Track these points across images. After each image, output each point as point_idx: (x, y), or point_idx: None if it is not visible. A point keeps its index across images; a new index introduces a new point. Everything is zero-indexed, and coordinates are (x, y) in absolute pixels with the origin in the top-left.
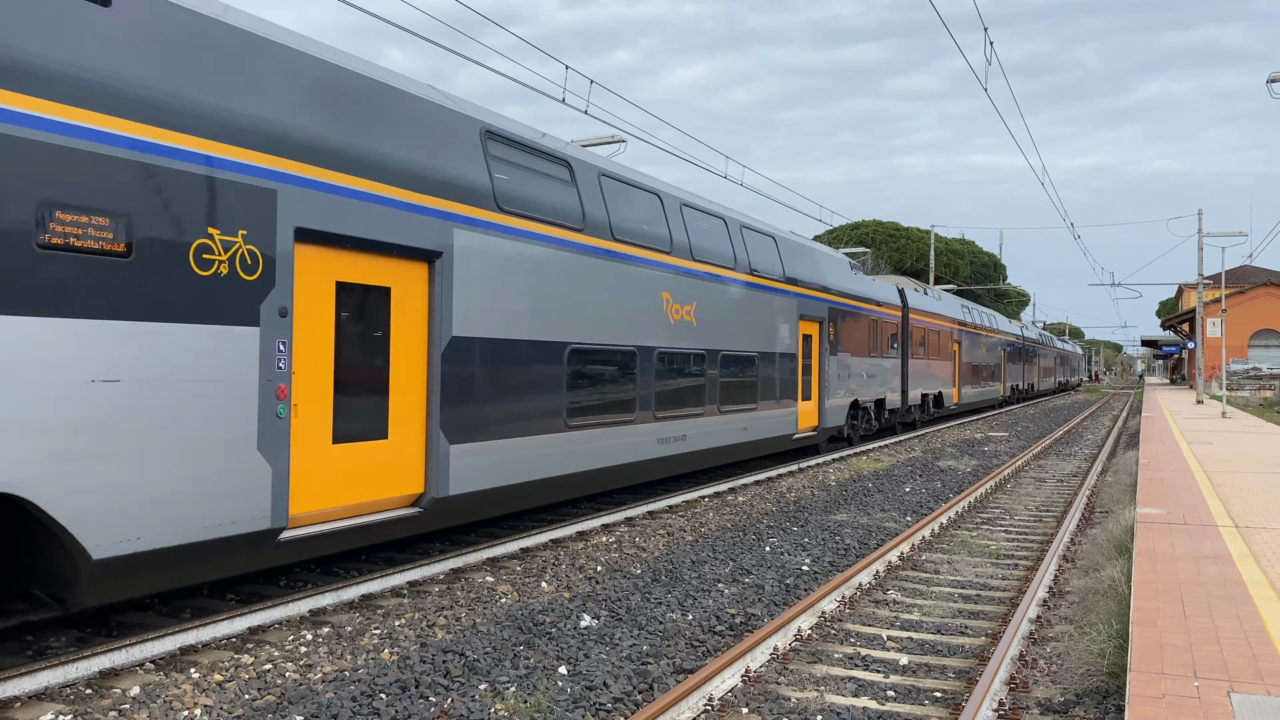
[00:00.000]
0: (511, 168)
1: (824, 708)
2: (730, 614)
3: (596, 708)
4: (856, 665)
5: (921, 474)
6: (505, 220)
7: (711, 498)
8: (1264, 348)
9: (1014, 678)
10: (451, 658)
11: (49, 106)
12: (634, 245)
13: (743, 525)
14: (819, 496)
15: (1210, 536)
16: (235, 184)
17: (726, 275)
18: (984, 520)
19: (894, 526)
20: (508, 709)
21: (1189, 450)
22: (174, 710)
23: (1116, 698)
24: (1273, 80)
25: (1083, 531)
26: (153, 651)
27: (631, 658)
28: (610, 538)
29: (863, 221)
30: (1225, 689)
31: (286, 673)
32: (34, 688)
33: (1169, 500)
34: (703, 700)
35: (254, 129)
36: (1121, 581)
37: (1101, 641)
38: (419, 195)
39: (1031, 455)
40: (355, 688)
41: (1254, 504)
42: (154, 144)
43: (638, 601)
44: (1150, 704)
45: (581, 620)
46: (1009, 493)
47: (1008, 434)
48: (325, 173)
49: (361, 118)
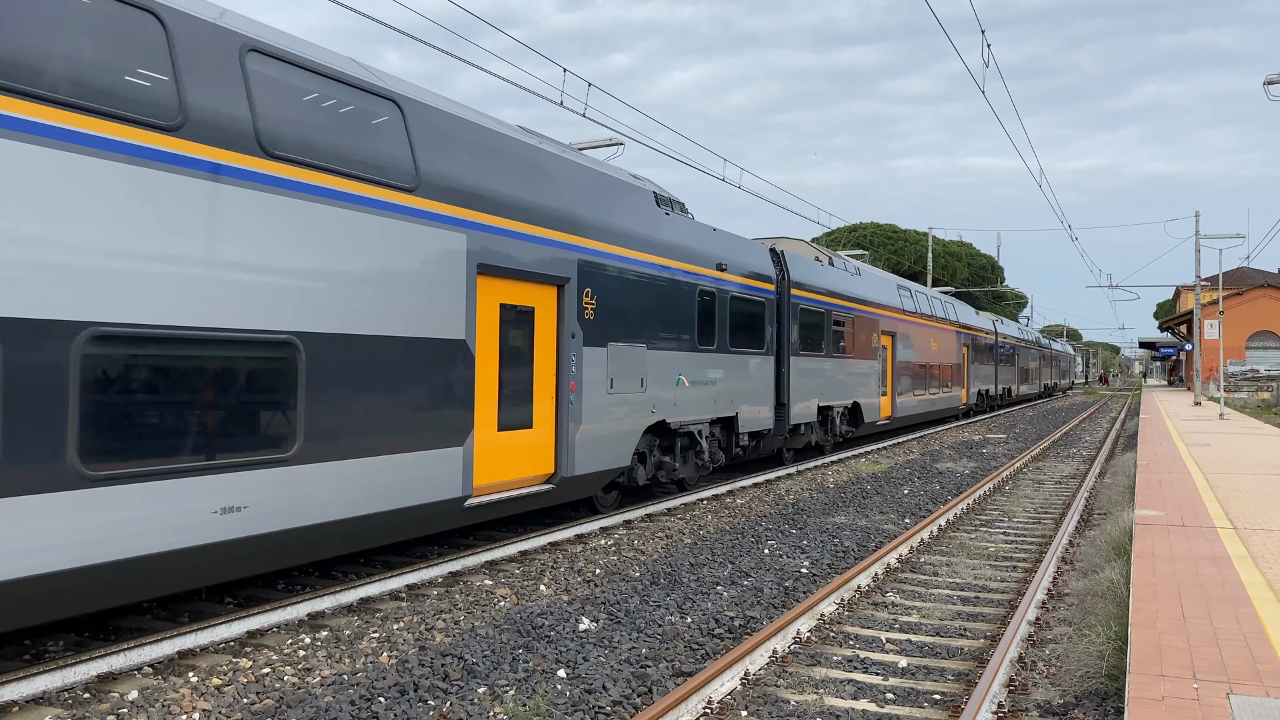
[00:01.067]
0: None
1: (823, 710)
2: (729, 617)
3: (595, 711)
4: (856, 668)
5: (920, 476)
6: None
7: (710, 500)
8: (1261, 349)
9: (1013, 680)
10: (450, 661)
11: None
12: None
13: (741, 528)
14: (817, 499)
15: (1209, 538)
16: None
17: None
18: (982, 522)
19: (893, 529)
20: (507, 712)
21: (1187, 452)
22: (172, 714)
23: (1116, 700)
24: (1269, 82)
25: (1081, 533)
26: (150, 655)
27: (630, 660)
28: (609, 540)
29: (861, 224)
30: (1224, 691)
31: (285, 676)
32: (31, 692)
33: (1167, 502)
34: (702, 703)
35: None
36: (1120, 583)
37: (1100, 643)
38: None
39: (1030, 457)
40: (354, 691)
41: (1252, 506)
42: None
43: (636, 604)
44: (1149, 706)
45: (580, 623)
46: (1007, 495)
47: (1006, 436)
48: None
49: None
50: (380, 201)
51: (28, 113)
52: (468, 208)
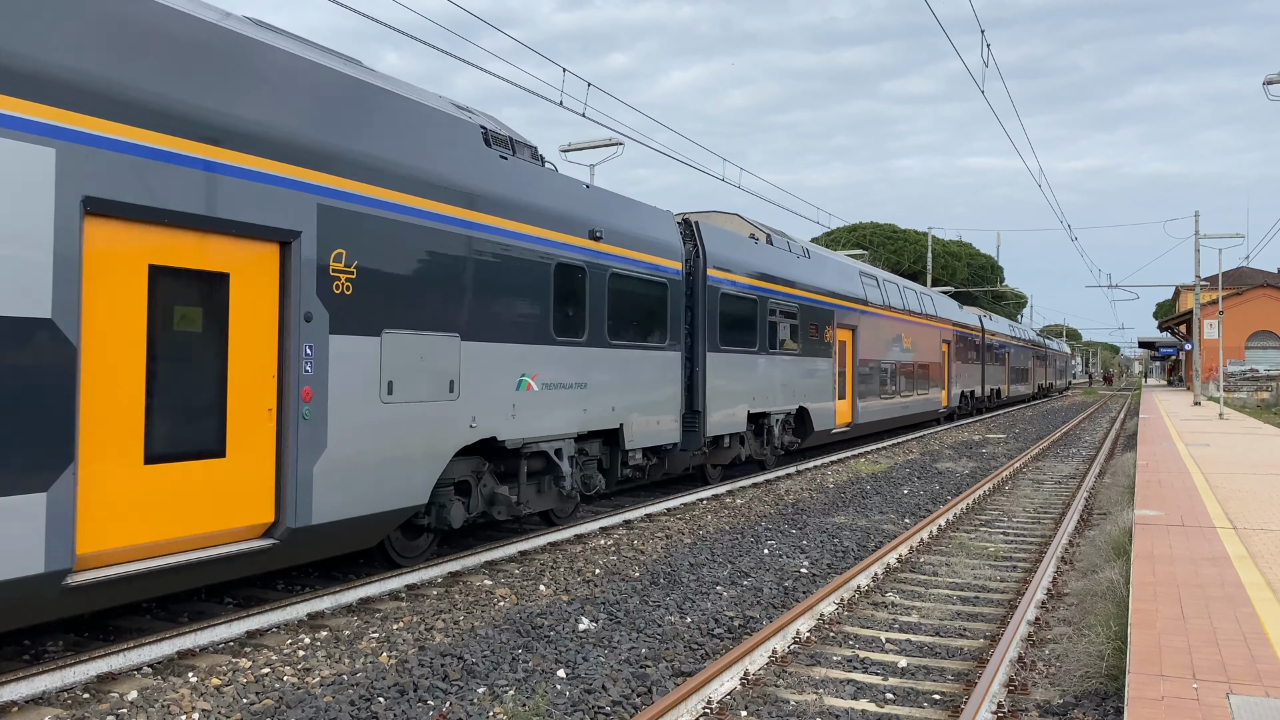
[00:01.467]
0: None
1: (823, 710)
2: (729, 617)
3: (595, 711)
4: (855, 668)
5: (920, 476)
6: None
7: (710, 500)
8: (1261, 349)
9: (1013, 680)
10: (450, 661)
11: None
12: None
13: (741, 528)
14: (817, 499)
15: (1208, 538)
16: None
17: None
18: (982, 522)
19: (892, 529)
20: (506, 712)
21: (1187, 452)
22: (171, 714)
23: (1115, 700)
24: (1269, 82)
25: (1081, 533)
26: (150, 656)
27: (630, 661)
28: (608, 540)
29: (860, 224)
30: (1224, 691)
31: (284, 677)
32: (31, 692)
33: (1167, 502)
34: (701, 703)
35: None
36: (1120, 583)
37: (1100, 643)
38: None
39: (1029, 457)
40: (353, 691)
41: (1252, 506)
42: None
43: (636, 604)
44: (1149, 706)
45: (580, 623)
46: (1007, 495)
47: (1005, 436)
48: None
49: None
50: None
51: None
52: (65, 107)
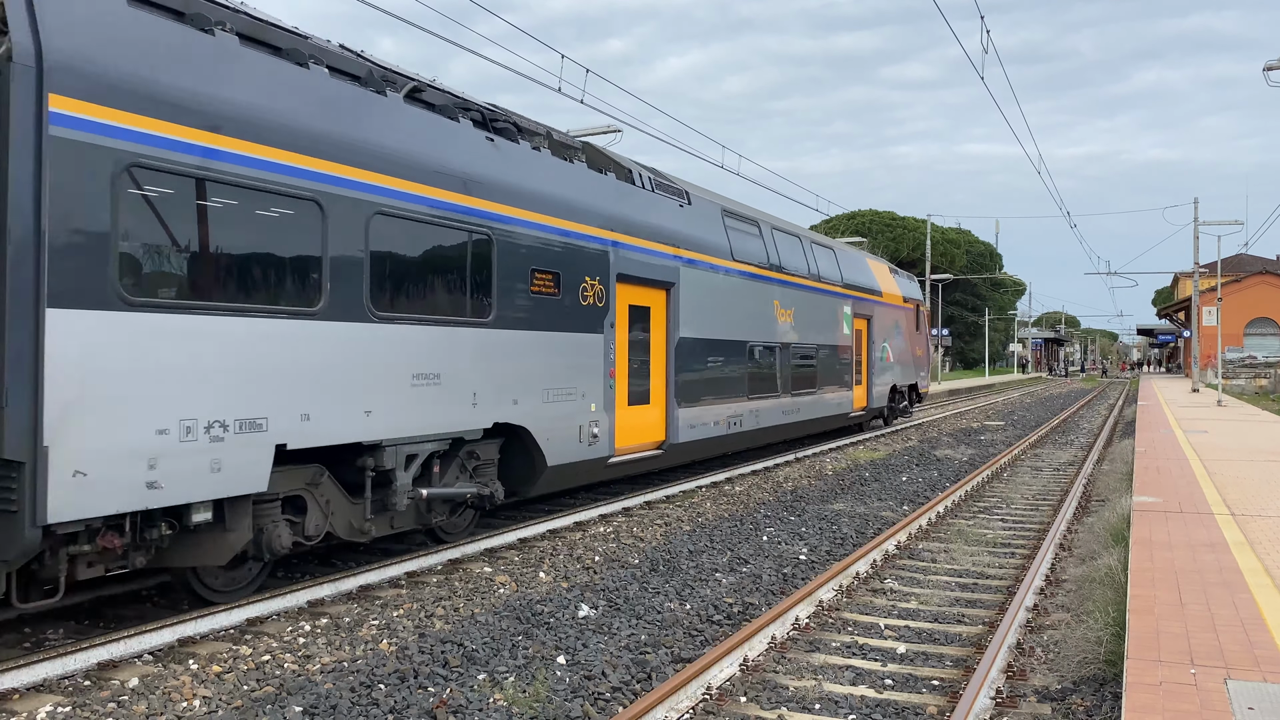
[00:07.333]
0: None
1: (822, 696)
2: (728, 603)
3: (595, 697)
4: (854, 654)
5: (918, 463)
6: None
7: (709, 487)
8: (1259, 336)
9: (1011, 666)
10: (450, 648)
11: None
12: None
13: (740, 515)
14: (816, 486)
15: (1206, 524)
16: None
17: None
18: (981, 509)
19: (891, 515)
20: (506, 699)
21: (1185, 438)
22: (173, 701)
23: (1114, 685)
24: (1269, 68)
25: (1079, 520)
26: (151, 643)
27: (630, 647)
28: (608, 528)
29: (859, 211)
30: (1222, 676)
31: (285, 664)
32: (32, 679)
33: (1165, 488)
34: (701, 689)
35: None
36: (1118, 570)
37: (1098, 629)
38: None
39: (1028, 444)
40: (354, 678)
41: (1250, 492)
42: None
43: (636, 591)
44: (1147, 691)
45: (580, 610)
46: (1006, 481)
47: (1004, 423)
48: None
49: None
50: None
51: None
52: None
